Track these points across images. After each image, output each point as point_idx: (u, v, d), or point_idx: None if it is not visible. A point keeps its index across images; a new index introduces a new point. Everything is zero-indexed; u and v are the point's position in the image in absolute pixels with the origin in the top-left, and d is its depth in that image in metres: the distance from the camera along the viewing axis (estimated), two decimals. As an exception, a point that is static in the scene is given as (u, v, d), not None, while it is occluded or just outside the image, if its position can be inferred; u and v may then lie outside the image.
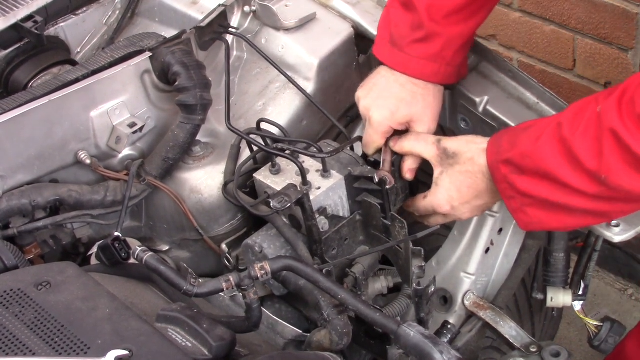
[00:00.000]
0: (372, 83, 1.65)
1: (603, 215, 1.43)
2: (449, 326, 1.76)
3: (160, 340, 1.22)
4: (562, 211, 1.41)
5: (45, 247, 1.73)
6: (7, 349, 1.20)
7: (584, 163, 1.32)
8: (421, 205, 1.62)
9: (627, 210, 1.41)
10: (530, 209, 1.44)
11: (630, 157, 1.27)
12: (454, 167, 1.54)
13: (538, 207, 1.43)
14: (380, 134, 1.63)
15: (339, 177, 1.62)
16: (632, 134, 1.25)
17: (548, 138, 1.37)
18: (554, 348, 1.56)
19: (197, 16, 1.88)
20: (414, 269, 1.52)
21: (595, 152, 1.31)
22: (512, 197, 1.45)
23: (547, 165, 1.37)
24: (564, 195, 1.38)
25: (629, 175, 1.28)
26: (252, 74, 1.89)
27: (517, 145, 1.42)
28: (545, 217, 1.44)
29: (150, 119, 1.77)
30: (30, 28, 1.81)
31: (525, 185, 1.42)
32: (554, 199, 1.39)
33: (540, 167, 1.38)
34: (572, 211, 1.40)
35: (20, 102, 1.63)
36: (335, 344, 1.45)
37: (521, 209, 1.45)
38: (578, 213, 1.40)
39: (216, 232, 1.78)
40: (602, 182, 1.31)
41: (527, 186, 1.41)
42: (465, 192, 1.54)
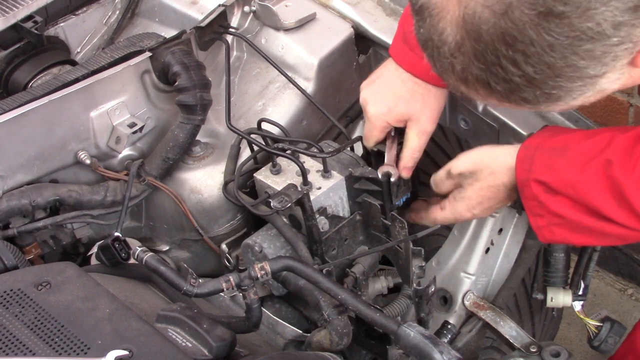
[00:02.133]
0: (376, 75, 1.64)
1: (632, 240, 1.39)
2: (449, 326, 1.75)
3: (160, 340, 1.22)
4: (592, 234, 1.38)
5: (45, 247, 1.73)
6: (7, 349, 1.20)
7: (635, 207, 1.29)
8: (439, 217, 1.59)
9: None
10: (558, 228, 1.41)
11: None
12: (474, 184, 1.51)
13: (567, 228, 1.40)
14: (377, 128, 1.62)
15: (339, 178, 1.62)
16: None
17: (595, 173, 1.33)
18: (554, 348, 1.56)
19: (197, 16, 1.88)
20: (414, 269, 1.52)
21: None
22: (539, 215, 1.42)
23: (592, 199, 1.33)
24: (602, 224, 1.35)
25: None
26: (252, 74, 1.89)
27: (555, 170, 1.38)
28: (571, 236, 1.41)
29: (150, 119, 1.77)
30: (30, 28, 1.81)
31: (558, 206, 1.38)
32: (588, 224, 1.36)
33: (584, 199, 1.34)
34: (604, 235, 1.37)
35: (20, 102, 1.63)
36: (335, 344, 1.45)
37: (548, 227, 1.42)
38: (609, 238, 1.38)
39: (216, 232, 1.78)
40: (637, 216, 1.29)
41: (560, 208, 1.38)
42: (486, 203, 1.52)
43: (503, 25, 0.94)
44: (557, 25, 0.92)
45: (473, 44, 0.98)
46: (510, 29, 0.94)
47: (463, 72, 1.04)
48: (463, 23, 0.98)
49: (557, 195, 1.38)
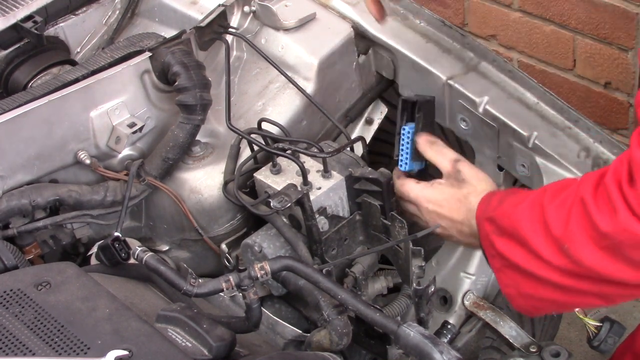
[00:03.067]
0: None
1: (574, 294, 1.39)
2: (449, 326, 1.76)
3: (160, 340, 1.22)
4: (534, 280, 1.39)
5: (45, 247, 1.73)
6: (7, 349, 1.20)
7: (551, 229, 1.31)
8: (407, 187, 1.62)
9: (593, 294, 1.36)
10: (508, 271, 1.43)
11: (592, 231, 1.25)
12: (454, 190, 1.55)
13: (514, 271, 1.42)
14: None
15: (339, 178, 1.62)
16: (600, 211, 1.24)
17: (530, 203, 1.37)
18: (554, 348, 1.56)
19: (197, 16, 1.88)
20: (414, 269, 1.52)
21: (563, 220, 1.29)
22: (493, 256, 1.45)
23: (521, 228, 1.36)
24: (534, 264, 1.36)
25: (589, 249, 1.26)
26: (251, 74, 1.89)
27: (503, 205, 1.43)
28: (521, 282, 1.42)
29: (150, 119, 1.77)
30: (30, 28, 1.81)
31: (502, 246, 1.41)
32: (525, 266, 1.38)
33: (516, 229, 1.37)
34: (542, 282, 1.38)
35: (20, 102, 1.63)
36: (335, 344, 1.45)
37: (501, 269, 1.44)
38: (549, 286, 1.38)
39: (216, 232, 1.78)
40: (565, 253, 1.29)
41: (504, 248, 1.41)
42: (445, 210, 1.55)
43: None
44: None
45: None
46: None
47: None
48: None
49: (502, 235, 1.41)
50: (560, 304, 1.46)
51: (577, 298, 1.41)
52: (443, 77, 1.76)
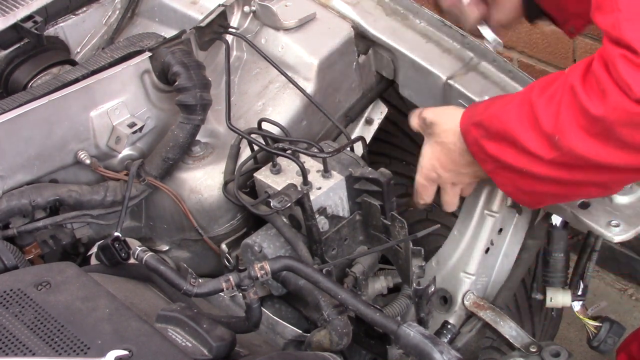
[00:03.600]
0: None
1: (571, 186, 1.43)
2: (449, 326, 1.75)
3: (160, 340, 1.22)
4: (529, 177, 1.43)
5: (45, 247, 1.73)
6: (7, 349, 1.20)
7: (541, 124, 1.34)
8: (417, 179, 1.67)
9: (589, 182, 1.41)
10: (502, 171, 1.47)
11: (583, 119, 1.28)
12: (432, 137, 1.60)
13: (508, 171, 1.46)
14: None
15: (339, 178, 1.62)
16: (590, 97, 1.27)
17: (519, 101, 1.40)
18: (553, 348, 1.56)
19: (197, 16, 1.88)
20: (414, 269, 1.52)
21: (553, 113, 1.33)
22: (484, 160, 1.49)
23: (510, 127, 1.40)
24: (526, 162, 1.40)
25: (580, 137, 1.29)
26: (251, 74, 1.89)
27: (490, 109, 1.46)
28: (517, 180, 1.46)
29: (150, 119, 1.77)
30: (30, 28, 1.81)
31: (493, 149, 1.45)
32: (517, 164, 1.42)
33: (505, 129, 1.41)
34: (537, 178, 1.42)
35: (20, 102, 1.63)
36: (335, 344, 1.45)
37: (494, 171, 1.49)
38: (546, 181, 1.42)
39: (216, 232, 1.78)
40: (556, 146, 1.33)
41: (494, 150, 1.45)
42: (444, 160, 1.59)
43: None
44: None
45: None
46: None
47: None
48: None
49: (491, 139, 1.45)
50: (561, 195, 1.51)
51: (575, 189, 1.45)
52: (443, 77, 1.76)
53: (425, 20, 1.85)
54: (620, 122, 1.24)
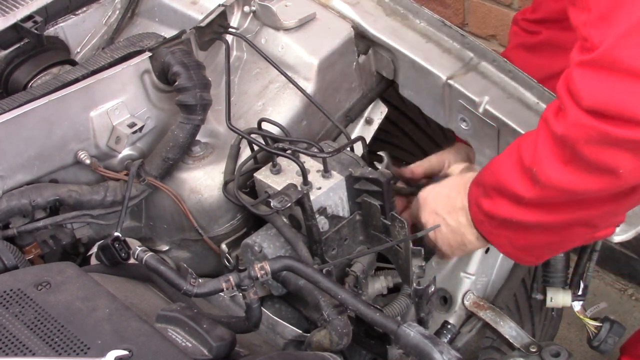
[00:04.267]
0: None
1: (560, 229, 1.43)
2: (449, 326, 1.76)
3: (160, 340, 1.22)
4: (521, 229, 1.44)
5: (45, 247, 1.73)
6: (7, 349, 1.20)
7: (523, 160, 1.35)
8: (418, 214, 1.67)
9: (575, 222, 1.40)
10: (498, 230, 1.48)
11: (554, 145, 1.28)
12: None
13: (503, 228, 1.47)
14: None
15: (339, 178, 1.62)
16: (556, 117, 1.27)
17: (509, 149, 1.43)
18: (553, 348, 1.56)
19: (197, 16, 1.88)
20: (414, 269, 1.52)
21: (531, 146, 1.33)
22: (482, 222, 1.50)
23: (500, 175, 1.41)
24: (514, 208, 1.40)
25: (555, 166, 1.29)
26: (251, 74, 1.89)
27: (487, 165, 1.49)
28: (513, 236, 1.48)
29: (150, 119, 1.77)
30: (30, 28, 1.81)
31: (488, 205, 1.46)
32: (507, 214, 1.42)
33: (497, 179, 1.42)
34: (527, 228, 1.43)
35: (20, 102, 1.63)
36: (335, 344, 1.45)
37: (491, 231, 1.50)
38: (536, 230, 1.43)
39: (216, 232, 1.78)
40: (535, 180, 1.33)
41: (489, 206, 1.46)
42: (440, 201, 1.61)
43: None
44: None
45: None
46: None
47: None
48: None
49: (487, 195, 1.46)
50: (555, 244, 1.51)
51: (565, 233, 1.44)
52: (443, 77, 1.76)
53: (425, 20, 1.85)
54: (580, 140, 1.22)
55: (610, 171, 1.23)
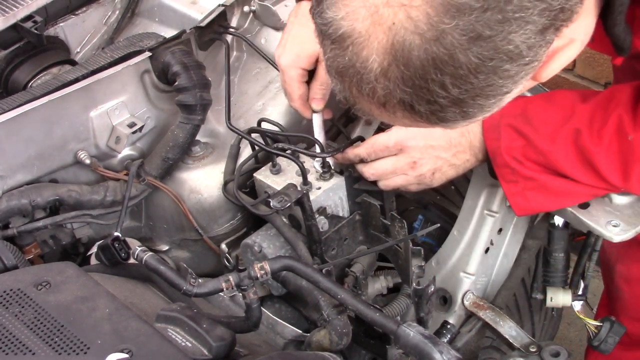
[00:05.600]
0: (283, 35, 1.61)
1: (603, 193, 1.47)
2: (449, 326, 1.75)
3: (160, 340, 1.22)
4: (565, 195, 1.45)
5: (45, 247, 1.73)
6: (7, 349, 1.20)
7: (607, 178, 1.38)
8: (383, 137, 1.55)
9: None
10: (531, 192, 1.47)
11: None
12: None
13: (539, 191, 1.46)
14: (293, 78, 1.58)
15: (339, 178, 1.62)
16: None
17: (565, 142, 1.40)
18: (553, 348, 1.55)
19: (197, 16, 1.88)
20: (414, 269, 1.52)
21: (620, 174, 1.36)
22: (513, 182, 1.47)
23: (562, 167, 1.41)
24: (573, 186, 1.42)
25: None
26: (251, 73, 1.89)
27: (525, 137, 1.44)
28: (544, 200, 1.47)
29: (150, 119, 1.77)
30: (30, 28, 1.81)
31: (530, 172, 1.45)
32: (559, 185, 1.43)
33: (555, 166, 1.42)
34: (578, 195, 1.45)
35: (19, 102, 1.63)
36: (334, 344, 1.45)
37: (522, 193, 1.48)
38: (582, 197, 1.45)
39: (216, 232, 1.78)
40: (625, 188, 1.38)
41: (532, 172, 1.45)
42: (438, 144, 1.52)
43: (434, 51, 0.96)
44: (484, 49, 0.96)
45: (402, 69, 0.99)
46: (442, 54, 0.96)
47: (385, 97, 1.04)
48: (391, 50, 0.98)
49: (527, 161, 1.44)
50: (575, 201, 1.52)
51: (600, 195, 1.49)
52: (443, 77, 1.75)
53: (425, 20, 1.84)
54: None
55: None
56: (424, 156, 1.54)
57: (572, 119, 1.41)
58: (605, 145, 1.37)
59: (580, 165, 1.40)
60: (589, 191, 1.46)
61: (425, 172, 1.55)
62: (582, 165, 1.40)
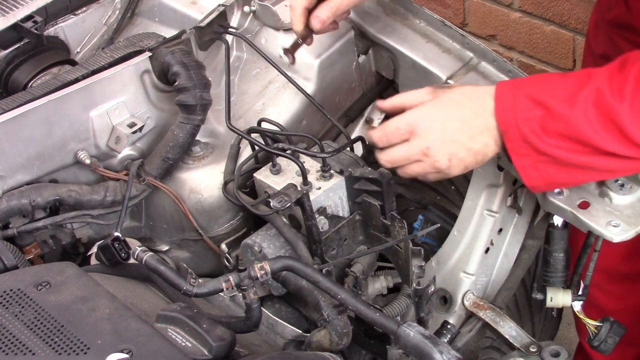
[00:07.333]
0: None
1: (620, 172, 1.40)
2: (449, 326, 1.76)
3: (160, 340, 1.22)
4: (580, 170, 1.38)
5: (45, 247, 1.73)
6: (7, 349, 1.20)
7: (631, 136, 1.29)
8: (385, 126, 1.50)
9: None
10: (544, 165, 1.39)
11: None
12: (448, 92, 1.46)
13: (553, 164, 1.39)
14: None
15: (339, 178, 1.62)
16: None
17: (585, 104, 1.33)
18: (553, 348, 1.55)
19: (197, 16, 1.88)
20: (414, 269, 1.52)
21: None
22: (525, 155, 1.39)
23: (585, 131, 1.33)
24: (592, 158, 1.35)
25: None
26: (251, 73, 1.89)
27: (543, 106, 1.36)
28: (557, 174, 1.40)
29: (150, 119, 1.77)
30: (30, 28, 1.81)
31: (546, 145, 1.37)
32: (577, 160, 1.36)
33: (575, 132, 1.34)
34: (593, 170, 1.37)
35: (19, 102, 1.63)
36: (335, 344, 1.45)
37: (534, 165, 1.40)
38: (598, 172, 1.38)
39: (216, 232, 1.78)
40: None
41: (548, 147, 1.37)
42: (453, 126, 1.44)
43: None
44: None
45: None
46: None
47: None
48: None
49: (546, 134, 1.36)
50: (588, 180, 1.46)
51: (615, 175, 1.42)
52: (443, 77, 1.76)
53: (425, 20, 1.85)
54: None
55: None
56: (436, 140, 1.45)
57: (590, 82, 1.34)
58: (628, 101, 1.29)
59: (602, 126, 1.31)
60: (607, 165, 1.36)
61: (440, 158, 1.46)
62: (605, 127, 1.31)
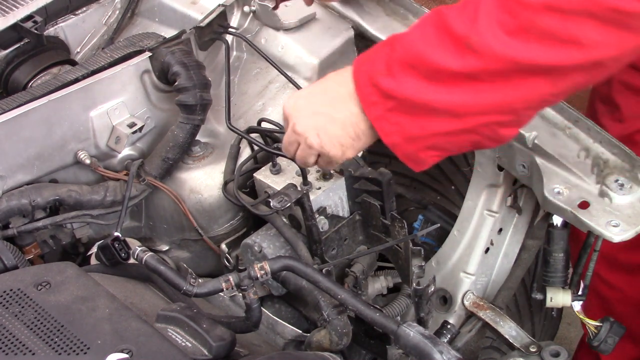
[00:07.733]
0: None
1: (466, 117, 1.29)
2: (449, 326, 1.76)
3: (160, 340, 1.22)
4: (422, 112, 1.30)
5: (45, 247, 1.73)
6: (7, 349, 1.20)
7: (453, 29, 1.23)
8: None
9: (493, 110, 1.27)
10: (394, 115, 1.32)
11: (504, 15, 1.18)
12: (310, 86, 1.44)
13: (399, 110, 1.31)
14: None
15: (339, 178, 1.62)
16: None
17: (425, 24, 1.29)
18: (553, 348, 1.56)
19: (197, 16, 1.88)
20: (414, 269, 1.52)
21: (468, 16, 1.22)
22: (374, 103, 1.33)
23: (416, 46, 1.27)
24: (427, 87, 1.27)
25: (501, 36, 1.19)
26: (251, 74, 1.89)
27: (389, 41, 1.33)
28: (408, 124, 1.32)
29: (150, 119, 1.77)
30: (30, 28, 1.81)
31: (389, 84, 1.30)
32: (416, 94, 1.28)
33: (412, 53, 1.28)
34: (438, 114, 1.29)
35: (19, 102, 1.63)
36: (335, 344, 1.45)
37: (385, 116, 1.33)
38: (439, 115, 1.29)
39: (216, 232, 1.78)
40: (471, 50, 1.21)
41: (390, 84, 1.30)
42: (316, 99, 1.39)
43: None
44: None
45: None
46: None
47: None
48: None
49: (389, 74, 1.30)
50: (452, 136, 1.33)
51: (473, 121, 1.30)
52: (443, 77, 1.75)
53: (425, 20, 1.84)
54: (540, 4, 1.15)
55: (572, 42, 1.16)
56: (300, 115, 1.40)
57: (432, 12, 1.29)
58: (460, 4, 1.24)
59: (437, 38, 1.25)
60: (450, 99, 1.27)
61: (309, 133, 1.38)
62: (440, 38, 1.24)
